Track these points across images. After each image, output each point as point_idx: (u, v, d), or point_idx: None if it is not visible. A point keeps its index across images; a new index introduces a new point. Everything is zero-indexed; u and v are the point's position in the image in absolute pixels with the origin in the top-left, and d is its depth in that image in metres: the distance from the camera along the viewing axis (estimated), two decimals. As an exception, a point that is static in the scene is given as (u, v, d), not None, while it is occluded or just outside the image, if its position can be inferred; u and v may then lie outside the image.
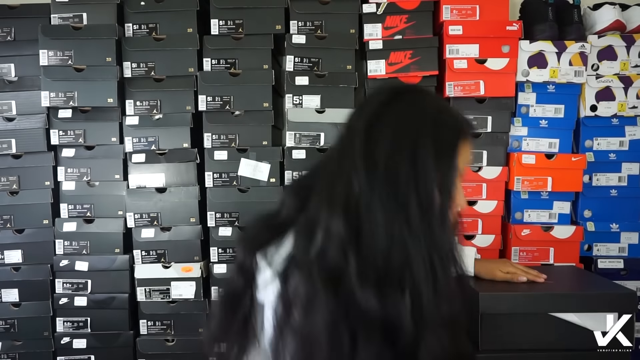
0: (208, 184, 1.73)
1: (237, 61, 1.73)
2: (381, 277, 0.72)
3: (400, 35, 1.72)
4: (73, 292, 1.75)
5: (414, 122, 0.77)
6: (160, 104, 1.74)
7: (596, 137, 1.73)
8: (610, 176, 1.74)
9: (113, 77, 1.71)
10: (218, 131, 1.73)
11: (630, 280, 1.67)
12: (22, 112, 1.77)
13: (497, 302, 1.28)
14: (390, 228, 0.72)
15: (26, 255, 1.78)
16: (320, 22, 1.73)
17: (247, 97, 1.72)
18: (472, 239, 1.74)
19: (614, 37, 1.71)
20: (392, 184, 0.73)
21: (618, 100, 1.71)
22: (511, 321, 1.29)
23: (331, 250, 0.73)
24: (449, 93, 1.69)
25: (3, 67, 1.78)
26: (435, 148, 0.76)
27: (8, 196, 1.78)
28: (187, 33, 1.73)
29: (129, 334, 1.76)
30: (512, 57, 1.68)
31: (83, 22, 1.74)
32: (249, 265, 0.81)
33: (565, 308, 1.27)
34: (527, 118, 1.72)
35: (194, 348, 1.74)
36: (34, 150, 1.77)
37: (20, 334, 1.78)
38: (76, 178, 1.76)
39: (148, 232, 1.74)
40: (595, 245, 1.73)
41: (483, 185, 1.72)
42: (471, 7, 1.69)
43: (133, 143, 1.74)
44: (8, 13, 1.77)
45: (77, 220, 1.75)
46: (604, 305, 1.27)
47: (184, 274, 1.73)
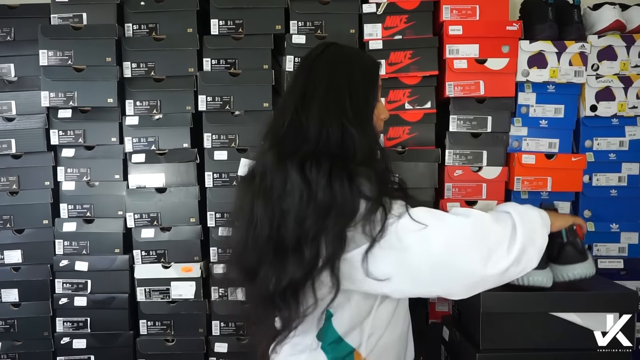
0: (208, 184, 1.73)
1: (237, 61, 1.74)
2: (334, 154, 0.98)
3: (400, 35, 1.72)
4: (73, 292, 1.75)
5: (345, 56, 1.09)
6: (160, 104, 1.74)
7: (596, 137, 1.73)
8: (610, 176, 1.74)
9: (113, 77, 1.71)
10: (218, 131, 1.73)
11: (630, 280, 1.68)
12: (22, 112, 1.77)
13: (498, 301, 1.28)
14: (334, 124, 0.99)
15: (26, 255, 1.78)
16: (320, 22, 1.73)
17: (247, 97, 1.71)
18: (472, 239, 1.74)
19: (614, 37, 1.71)
20: (334, 94, 1.02)
21: (618, 100, 1.71)
22: (511, 321, 1.29)
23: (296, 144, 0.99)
24: (449, 93, 1.69)
25: (3, 67, 1.78)
26: (363, 70, 1.08)
27: (8, 196, 1.78)
28: (187, 33, 1.73)
29: (129, 334, 1.75)
30: (512, 57, 1.68)
31: (83, 22, 1.74)
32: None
33: (565, 308, 1.27)
34: (527, 118, 1.72)
35: (194, 348, 1.74)
36: (33, 150, 1.77)
37: (20, 334, 1.78)
38: (76, 178, 1.76)
39: (148, 232, 1.74)
40: (595, 245, 1.73)
41: (483, 185, 1.72)
42: (471, 7, 1.69)
43: (133, 143, 1.74)
44: (8, 13, 1.77)
45: (77, 220, 1.75)
46: (604, 305, 1.27)
47: (183, 274, 1.73)
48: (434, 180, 1.72)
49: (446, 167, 1.72)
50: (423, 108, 1.73)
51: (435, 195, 1.75)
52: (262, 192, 0.97)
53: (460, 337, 1.43)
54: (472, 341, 1.35)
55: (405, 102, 1.73)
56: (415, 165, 1.70)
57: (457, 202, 1.72)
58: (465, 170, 1.73)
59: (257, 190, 0.99)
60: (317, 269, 0.93)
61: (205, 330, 1.76)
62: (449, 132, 1.72)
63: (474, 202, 1.73)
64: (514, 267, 0.97)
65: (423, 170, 1.70)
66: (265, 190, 0.97)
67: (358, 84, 1.05)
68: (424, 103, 1.73)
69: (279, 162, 0.96)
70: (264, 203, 0.97)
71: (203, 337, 1.75)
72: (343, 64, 1.06)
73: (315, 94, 1.01)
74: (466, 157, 1.72)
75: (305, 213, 0.93)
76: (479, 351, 1.29)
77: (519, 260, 0.97)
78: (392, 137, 1.74)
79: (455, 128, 1.72)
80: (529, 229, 0.99)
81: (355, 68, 1.06)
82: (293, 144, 0.98)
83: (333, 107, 1.00)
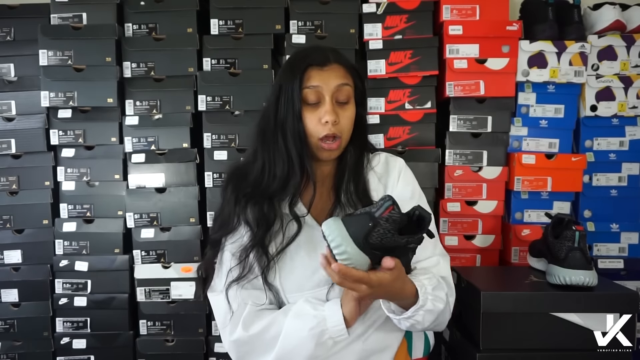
0: (208, 184, 1.73)
1: (237, 61, 1.73)
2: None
3: (400, 35, 1.72)
4: (73, 292, 1.75)
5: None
6: (160, 104, 1.74)
7: (596, 137, 1.74)
8: (610, 176, 1.74)
9: (113, 77, 1.71)
10: (218, 131, 1.73)
11: (630, 280, 1.67)
12: (22, 112, 1.76)
13: (498, 301, 1.29)
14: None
15: (26, 256, 1.78)
16: (320, 22, 1.73)
17: (247, 97, 1.71)
18: (472, 239, 1.74)
19: (614, 37, 1.71)
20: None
21: (618, 100, 1.71)
22: (512, 320, 1.29)
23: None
24: (449, 93, 1.69)
25: (3, 67, 1.78)
26: (284, 69, 1.12)
27: (8, 196, 1.77)
28: (187, 33, 1.73)
29: (129, 334, 1.75)
30: (512, 57, 1.68)
31: (83, 22, 1.74)
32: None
33: (565, 308, 1.27)
34: (527, 118, 1.72)
35: (194, 348, 1.74)
36: (33, 150, 1.77)
37: (20, 334, 1.78)
38: (76, 178, 1.76)
39: (148, 232, 1.73)
40: (596, 246, 1.73)
41: (483, 185, 1.72)
42: (471, 7, 1.69)
43: (133, 143, 1.74)
44: (8, 13, 1.77)
45: (76, 221, 1.75)
46: (604, 305, 1.28)
47: (183, 274, 1.73)
48: (434, 181, 1.72)
49: (446, 167, 1.72)
50: (423, 108, 1.73)
51: (436, 195, 1.75)
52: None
53: (460, 337, 1.43)
54: (472, 341, 1.35)
55: (405, 102, 1.73)
56: (415, 165, 1.69)
57: (458, 202, 1.72)
58: (466, 170, 1.73)
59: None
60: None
61: (205, 330, 1.75)
62: (449, 132, 1.72)
63: (474, 202, 1.73)
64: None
65: (423, 170, 1.69)
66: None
67: (277, 81, 1.13)
68: (424, 103, 1.73)
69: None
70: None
71: (203, 337, 1.75)
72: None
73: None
74: (466, 157, 1.72)
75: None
76: (479, 351, 1.29)
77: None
78: (392, 137, 1.74)
79: (455, 128, 1.72)
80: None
81: (282, 68, 1.15)
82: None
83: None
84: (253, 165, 1.13)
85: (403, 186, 1.15)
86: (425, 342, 1.19)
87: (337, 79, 1.08)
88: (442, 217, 1.73)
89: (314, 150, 1.09)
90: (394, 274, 0.90)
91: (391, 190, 1.14)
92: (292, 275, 1.09)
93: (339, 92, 1.08)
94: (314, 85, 1.07)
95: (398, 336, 1.12)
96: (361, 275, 0.88)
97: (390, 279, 0.90)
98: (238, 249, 1.10)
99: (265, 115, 1.12)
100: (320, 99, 1.07)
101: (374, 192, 1.14)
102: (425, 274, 1.03)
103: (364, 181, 1.14)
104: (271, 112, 1.09)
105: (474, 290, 1.33)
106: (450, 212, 1.72)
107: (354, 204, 1.10)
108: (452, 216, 1.73)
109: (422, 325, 1.00)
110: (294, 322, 1.02)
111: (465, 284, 1.41)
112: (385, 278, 0.89)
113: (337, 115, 1.07)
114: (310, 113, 1.07)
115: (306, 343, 1.00)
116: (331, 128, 1.05)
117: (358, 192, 1.11)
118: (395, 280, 0.91)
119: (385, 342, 1.10)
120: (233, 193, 1.12)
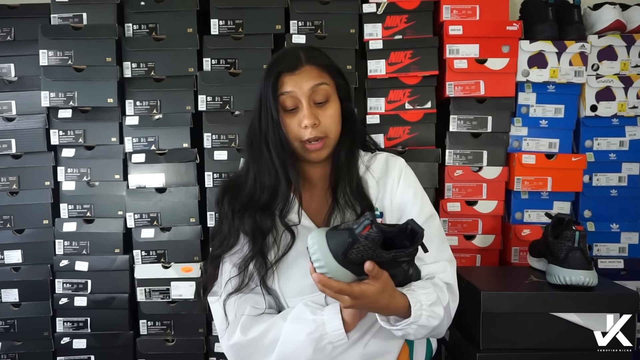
0: (208, 184, 1.73)
1: (237, 61, 1.74)
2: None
3: (400, 35, 1.72)
4: (73, 292, 1.75)
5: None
6: (160, 104, 1.74)
7: (596, 137, 1.74)
8: (610, 176, 1.74)
9: (113, 77, 1.71)
10: (218, 131, 1.73)
11: (630, 280, 1.67)
12: (22, 112, 1.77)
13: (498, 301, 1.29)
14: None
15: (26, 256, 1.78)
16: (320, 22, 1.73)
17: (247, 97, 1.71)
18: (472, 239, 1.74)
19: (614, 37, 1.71)
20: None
21: (618, 100, 1.71)
22: (512, 320, 1.29)
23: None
24: (449, 93, 1.69)
25: (3, 67, 1.78)
26: (261, 78, 1.09)
27: (8, 196, 1.78)
28: (187, 33, 1.73)
29: (129, 334, 1.75)
30: (512, 57, 1.68)
31: (83, 22, 1.74)
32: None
33: (565, 308, 1.28)
34: (527, 118, 1.72)
35: (194, 348, 1.74)
36: (33, 150, 1.77)
37: (20, 334, 1.78)
38: (76, 178, 1.76)
39: (148, 232, 1.73)
40: (596, 246, 1.73)
41: (483, 185, 1.72)
42: (471, 7, 1.69)
43: (133, 143, 1.74)
44: (8, 13, 1.77)
45: (77, 221, 1.75)
46: (604, 305, 1.28)
47: (183, 274, 1.73)
48: (434, 181, 1.72)
49: (446, 167, 1.72)
50: (423, 108, 1.73)
51: (436, 195, 1.75)
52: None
53: (460, 337, 1.43)
54: (472, 341, 1.35)
55: (405, 102, 1.73)
56: (415, 165, 1.69)
57: (458, 202, 1.72)
58: (466, 170, 1.73)
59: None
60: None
61: (205, 330, 1.76)
62: (449, 132, 1.72)
63: (474, 202, 1.73)
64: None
65: (423, 170, 1.69)
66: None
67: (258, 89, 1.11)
68: (424, 103, 1.73)
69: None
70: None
71: (203, 337, 1.75)
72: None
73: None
74: (466, 157, 1.72)
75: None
76: (479, 351, 1.29)
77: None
78: (392, 137, 1.74)
79: (455, 128, 1.72)
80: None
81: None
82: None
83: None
84: (247, 177, 1.12)
85: (404, 188, 1.13)
86: (428, 347, 1.18)
87: (310, 81, 1.05)
88: (442, 217, 1.73)
89: (301, 154, 1.08)
90: (379, 287, 0.88)
91: (391, 192, 1.12)
92: (291, 280, 1.08)
93: (315, 94, 1.06)
94: (287, 91, 1.05)
95: (399, 341, 1.10)
96: (342, 286, 0.87)
97: (374, 290, 0.88)
98: (238, 259, 1.09)
99: (252, 125, 1.11)
100: (297, 103, 1.05)
101: (372, 195, 1.12)
102: (425, 287, 0.99)
103: (358, 178, 1.12)
104: (255, 122, 1.09)
105: (474, 290, 1.33)
106: (451, 212, 1.72)
107: (351, 204, 1.09)
108: (452, 216, 1.73)
109: (415, 337, 1.00)
110: (293, 326, 1.01)
111: (465, 284, 1.41)
112: (369, 290, 0.88)
113: (317, 116, 1.05)
114: (290, 119, 1.06)
115: (305, 348, 0.99)
116: (312, 131, 1.04)
117: (353, 192, 1.10)
118: (381, 292, 0.89)
119: (386, 347, 1.08)
120: (230, 207, 1.11)
